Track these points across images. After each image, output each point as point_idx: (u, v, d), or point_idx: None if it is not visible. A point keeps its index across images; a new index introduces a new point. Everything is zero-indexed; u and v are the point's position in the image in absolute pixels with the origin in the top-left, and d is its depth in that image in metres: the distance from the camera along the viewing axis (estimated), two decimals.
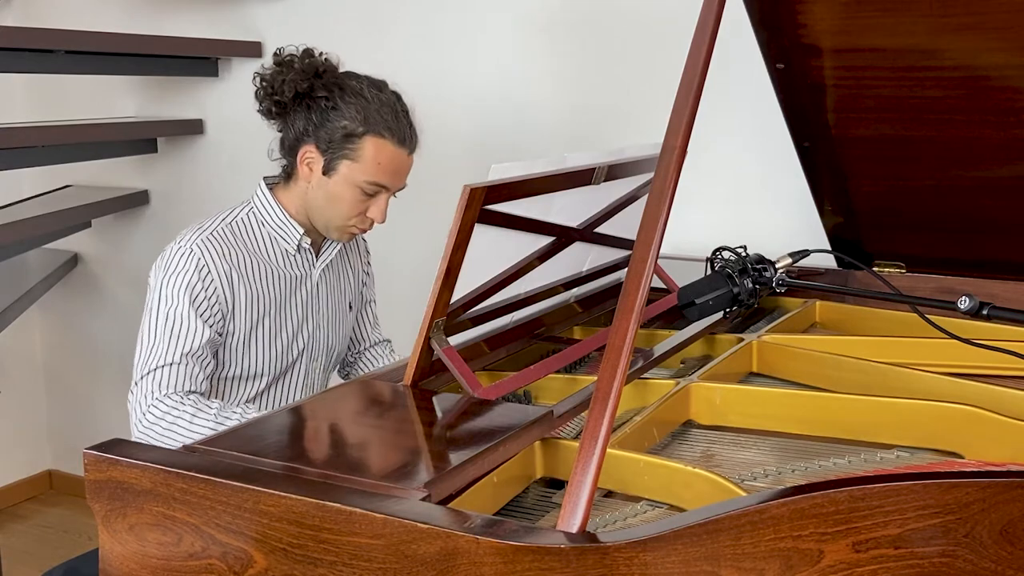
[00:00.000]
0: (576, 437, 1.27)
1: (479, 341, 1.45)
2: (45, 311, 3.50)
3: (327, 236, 1.86)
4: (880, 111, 1.79)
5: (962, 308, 1.29)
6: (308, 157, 1.77)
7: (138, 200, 3.20)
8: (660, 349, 1.57)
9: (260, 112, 1.80)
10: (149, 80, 3.16)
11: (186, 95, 3.12)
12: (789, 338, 1.66)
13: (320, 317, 1.92)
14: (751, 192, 2.40)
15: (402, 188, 1.82)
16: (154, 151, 3.15)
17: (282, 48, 1.78)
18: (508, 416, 1.23)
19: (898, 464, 1.25)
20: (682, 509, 1.12)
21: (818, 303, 1.93)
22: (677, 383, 1.42)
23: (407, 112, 1.79)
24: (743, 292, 1.53)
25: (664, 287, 1.82)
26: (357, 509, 0.93)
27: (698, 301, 1.51)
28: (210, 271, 1.72)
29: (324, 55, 1.79)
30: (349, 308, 2.01)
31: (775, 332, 1.71)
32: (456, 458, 1.09)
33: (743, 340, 1.63)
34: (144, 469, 1.04)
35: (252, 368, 1.82)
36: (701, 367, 1.51)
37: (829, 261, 2.06)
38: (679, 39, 1.39)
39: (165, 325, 1.70)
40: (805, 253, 1.60)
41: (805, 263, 1.62)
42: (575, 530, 0.92)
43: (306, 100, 1.75)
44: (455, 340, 1.37)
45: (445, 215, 1.35)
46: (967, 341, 1.41)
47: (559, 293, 1.66)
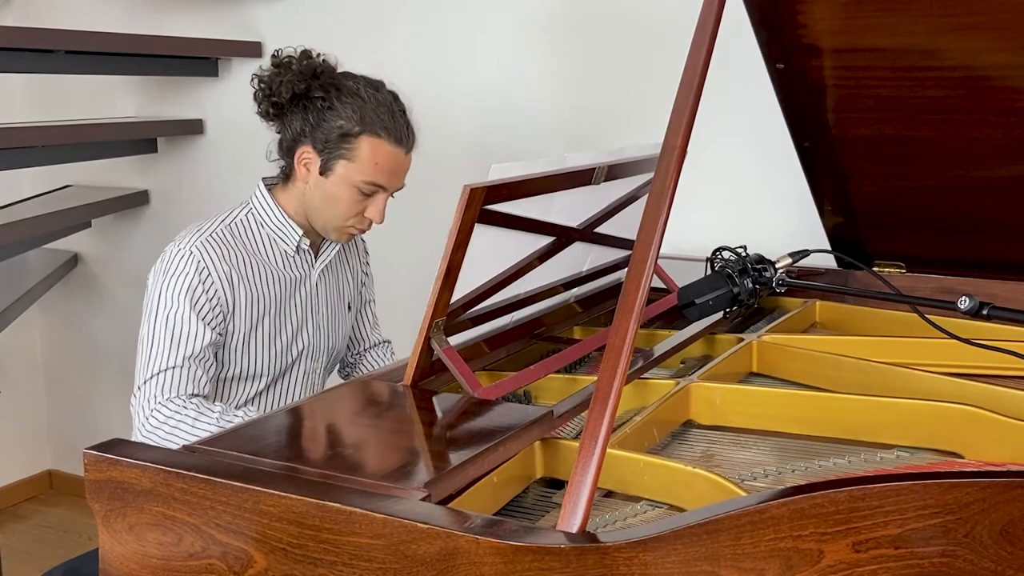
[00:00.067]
0: (576, 437, 1.27)
1: (479, 341, 1.45)
2: (45, 311, 3.50)
3: (326, 237, 1.86)
4: (880, 111, 1.79)
5: (962, 308, 1.29)
6: (305, 157, 1.77)
7: (138, 200, 3.20)
8: (660, 349, 1.57)
9: (259, 114, 1.80)
10: (149, 80, 3.16)
11: (186, 95, 3.12)
12: (789, 338, 1.66)
13: (320, 318, 1.92)
14: (751, 192, 2.40)
15: (400, 188, 1.82)
16: (154, 151, 3.15)
17: (280, 50, 1.78)
18: (508, 416, 1.23)
19: (898, 464, 1.25)
20: (682, 509, 1.12)
21: (818, 303, 1.93)
22: (677, 383, 1.42)
23: (404, 111, 1.79)
24: (743, 292, 1.53)
25: (664, 287, 1.82)
26: (357, 509, 0.93)
27: (698, 301, 1.51)
28: (210, 273, 1.72)
29: (322, 56, 1.79)
30: (348, 308, 2.01)
31: (775, 332, 1.71)
32: (456, 458, 1.08)
33: (743, 340, 1.63)
34: (144, 469, 1.04)
35: (251, 369, 1.82)
36: (701, 367, 1.50)
37: (829, 261, 2.06)
38: (679, 39, 1.39)
39: (166, 329, 1.69)
40: (805, 253, 1.60)
41: (805, 263, 1.62)
42: (575, 530, 0.92)
43: (303, 101, 1.75)
44: (455, 340, 1.37)
45: (445, 215, 1.35)
46: (967, 341, 1.41)
47: (559, 293, 1.66)
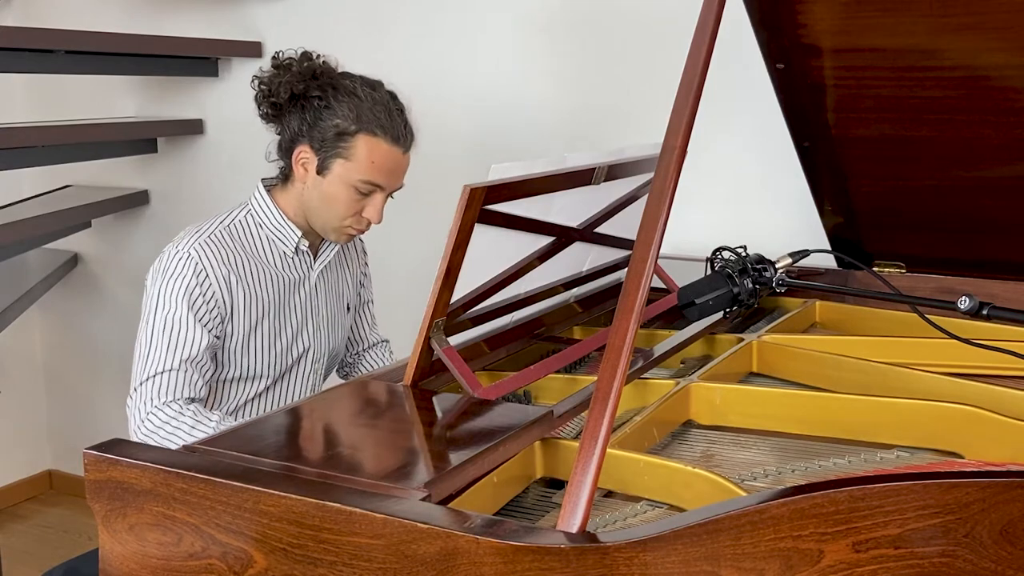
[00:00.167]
0: (576, 437, 1.27)
1: (479, 341, 1.45)
2: (45, 311, 3.50)
3: (325, 237, 1.86)
4: (880, 111, 1.79)
5: (962, 308, 1.29)
6: (303, 157, 1.77)
7: (138, 200, 3.20)
8: (660, 349, 1.57)
9: (261, 117, 1.80)
10: (149, 80, 3.16)
11: (186, 95, 3.12)
12: (789, 338, 1.66)
13: (319, 319, 1.91)
14: (751, 192, 2.40)
15: (399, 188, 1.82)
16: (154, 151, 3.15)
17: (281, 51, 1.78)
18: (508, 416, 1.23)
19: (898, 464, 1.25)
20: (682, 509, 1.12)
21: (818, 303, 1.93)
22: (677, 383, 1.42)
23: (402, 111, 1.78)
24: (743, 292, 1.53)
25: (664, 287, 1.82)
26: (357, 509, 0.93)
27: (698, 301, 1.51)
28: (208, 275, 1.72)
29: (322, 58, 1.79)
30: (347, 309, 2.01)
31: (775, 332, 1.71)
32: (456, 458, 1.08)
33: (743, 340, 1.63)
34: (144, 469, 1.04)
35: (251, 370, 1.82)
36: (701, 367, 1.50)
37: (829, 261, 2.06)
38: (679, 39, 1.39)
39: (164, 330, 1.69)
40: (805, 253, 1.60)
41: (805, 263, 1.62)
42: (575, 530, 0.92)
43: (300, 101, 1.75)
44: (455, 340, 1.37)
45: (444, 215, 1.35)
46: (967, 341, 1.41)
47: (559, 293, 1.66)
